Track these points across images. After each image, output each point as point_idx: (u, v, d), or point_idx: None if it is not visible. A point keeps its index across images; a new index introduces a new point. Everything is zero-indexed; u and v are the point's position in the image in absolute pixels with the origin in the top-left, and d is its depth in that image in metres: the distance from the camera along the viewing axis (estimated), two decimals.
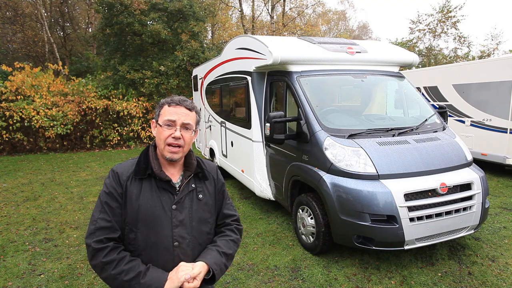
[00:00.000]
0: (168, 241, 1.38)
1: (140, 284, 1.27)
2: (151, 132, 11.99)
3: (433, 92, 8.49)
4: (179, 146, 1.39)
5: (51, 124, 10.65)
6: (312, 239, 3.79)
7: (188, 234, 1.42)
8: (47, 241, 4.28)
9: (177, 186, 1.44)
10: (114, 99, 12.06)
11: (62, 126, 10.82)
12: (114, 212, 1.36)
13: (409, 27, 21.87)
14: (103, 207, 1.36)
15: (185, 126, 1.40)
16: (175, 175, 1.46)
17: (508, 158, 6.60)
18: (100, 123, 11.63)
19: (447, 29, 20.07)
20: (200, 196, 1.48)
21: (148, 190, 1.39)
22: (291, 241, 4.15)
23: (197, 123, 1.48)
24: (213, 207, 1.53)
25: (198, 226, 1.46)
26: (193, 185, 1.47)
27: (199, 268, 1.35)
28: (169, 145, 1.39)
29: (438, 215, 3.25)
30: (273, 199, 4.88)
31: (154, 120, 1.46)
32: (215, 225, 1.57)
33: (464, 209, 3.39)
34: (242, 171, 5.55)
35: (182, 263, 1.37)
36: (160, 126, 1.40)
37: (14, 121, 10.27)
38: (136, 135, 12.41)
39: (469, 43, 20.09)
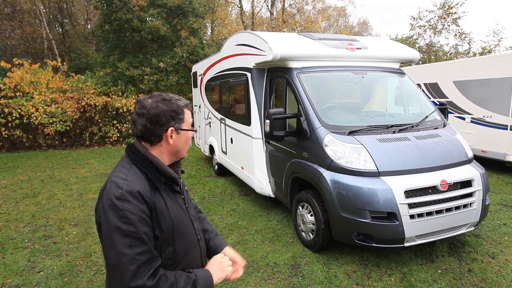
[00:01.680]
0: (195, 238, 1.42)
1: None
2: None
3: (433, 89, 8.47)
4: None
5: (50, 121, 10.63)
6: (312, 236, 3.78)
7: (199, 224, 1.52)
8: (46, 238, 4.28)
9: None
10: (113, 96, 12.03)
11: (61, 123, 10.80)
12: (149, 237, 1.19)
13: (410, 24, 21.86)
14: (136, 240, 1.14)
15: None
16: None
17: (508, 155, 6.58)
18: (99, 120, 11.60)
19: (448, 25, 20.00)
20: (186, 188, 1.54)
21: (168, 197, 1.33)
22: (291, 238, 4.15)
23: None
24: None
25: (196, 214, 1.56)
26: (181, 180, 1.49)
27: (232, 251, 1.57)
28: None
29: (439, 212, 3.25)
30: (272, 196, 4.87)
31: (173, 128, 1.29)
32: None
33: (465, 206, 3.38)
34: (242, 168, 5.54)
35: (216, 257, 1.45)
36: (187, 130, 1.35)
37: (13, 118, 10.24)
38: None
39: (469, 39, 20.03)
